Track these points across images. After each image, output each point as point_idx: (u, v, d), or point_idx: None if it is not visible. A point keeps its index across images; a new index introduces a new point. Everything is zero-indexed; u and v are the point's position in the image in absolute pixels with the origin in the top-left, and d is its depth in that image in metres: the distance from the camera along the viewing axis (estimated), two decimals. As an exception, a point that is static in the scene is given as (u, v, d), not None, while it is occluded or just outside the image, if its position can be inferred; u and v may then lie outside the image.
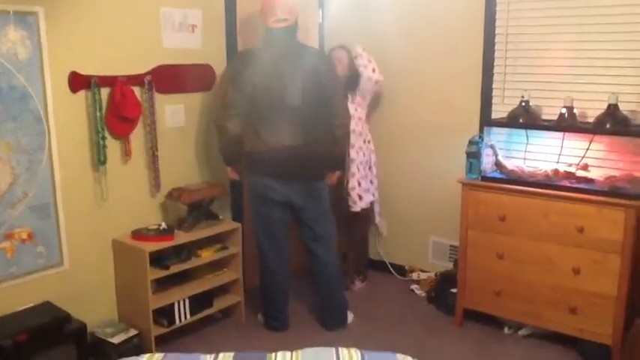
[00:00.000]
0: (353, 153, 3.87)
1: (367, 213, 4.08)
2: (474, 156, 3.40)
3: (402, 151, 4.20)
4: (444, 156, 3.92)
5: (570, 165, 3.31)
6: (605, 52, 3.28)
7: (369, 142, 4.00)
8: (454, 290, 3.62)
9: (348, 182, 3.89)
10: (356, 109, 3.88)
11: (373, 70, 3.85)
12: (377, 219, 4.16)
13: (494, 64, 3.67)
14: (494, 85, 3.70)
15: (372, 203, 4.06)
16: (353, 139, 3.82)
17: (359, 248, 4.17)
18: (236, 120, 3.27)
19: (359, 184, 3.91)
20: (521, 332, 3.45)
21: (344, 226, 4.06)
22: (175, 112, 3.45)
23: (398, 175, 4.24)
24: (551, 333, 3.32)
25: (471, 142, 3.42)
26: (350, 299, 3.84)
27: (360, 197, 3.93)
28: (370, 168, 4.02)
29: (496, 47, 3.65)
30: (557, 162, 3.35)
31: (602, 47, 3.28)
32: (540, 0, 3.45)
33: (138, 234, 3.19)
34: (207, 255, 3.41)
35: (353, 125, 3.83)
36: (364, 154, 3.95)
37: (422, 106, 4.05)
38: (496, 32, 3.63)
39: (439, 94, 3.95)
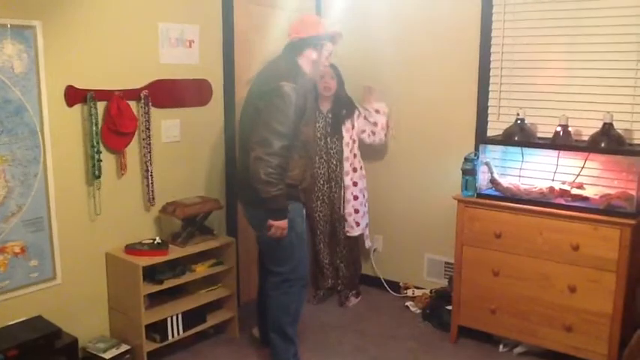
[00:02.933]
0: (347, 180, 3.90)
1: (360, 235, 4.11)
2: (469, 173, 3.41)
3: (397, 167, 4.20)
4: (440, 173, 3.93)
5: (565, 183, 3.32)
6: (600, 72, 3.30)
7: (361, 167, 4.01)
8: (449, 307, 3.61)
9: (344, 208, 3.93)
10: (351, 136, 3.91)
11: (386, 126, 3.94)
12: (367, 243, 4.16)
13: (490, 82, 3.69)
14: (489, 103, 3.72)
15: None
16: (347, 166, 3.88)
17: (351, 266, 4.16)
18: None
19: (355, 212, 3.95)
20: (517, 350, 3.43)
21: (335, 246, 4.08)
22: (171, 127, 3.45)
23: (393, 191, 4.24)
24: (547, 351, 3.30)
25: (466, 160, 3.43)
26: (345, 315, 3.82)
27: (358, 223, 3.98)
28: (363, 193, 4.04)
29: (491, 65, 3.67)
30: (553, 180, 3.36)
31: (597, 66, 3.31)
32: (535, 19, 3.48)
33: (132, 248, 3.17)
34: (201, 270, 3.40)
35: (347, 153, 3.87)
36: (358, 181, 3.99)
37: (417, 123, 4.05)
38: (492, 50, 3.66)
39: (435, 111, 3.96)
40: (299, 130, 2.93)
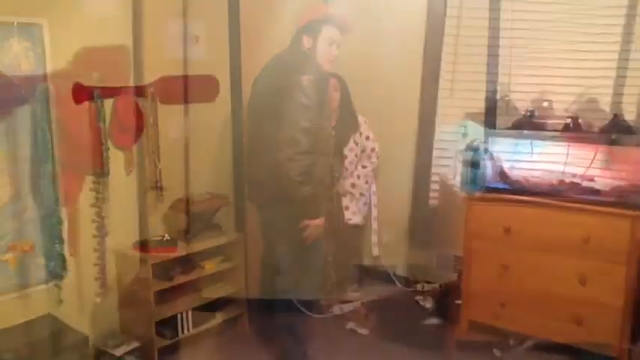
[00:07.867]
0: (356, 193, 3.87)
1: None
2: (476, 165, 3.37)
3: (405, 159, 4.18)
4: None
5: (575, 175, 3.29)
6: (608, 63, 3.28)
7: (366, 182, 3.95)
8: (459, 302, 3.60)
9: (348, 220, 3.86)
10: (356, 154, 3.82)
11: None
12: (375, 251, 4.15)
13: (498, 72, 3.66)
14: (497, 95, 3.69)
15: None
16: (347, 185, 3.82)
17: (345, 264, 4.09)
18: None
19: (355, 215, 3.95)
20: (527, 344, 3.42)
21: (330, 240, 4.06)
22: (178, 123, 3.45)
23: (402, 184, 4.22)
24: (557, 344, 3.29)
25: (470, 148, 3.38)
26: (353, 311, 3.82)
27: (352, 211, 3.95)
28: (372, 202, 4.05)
29: (499, 54, 3.64)
30: (562, 172, 3.34)
31: (605, 57, 3.28)
32: (543, 4, 3.44)
33: (141, 245, 3.18)
34: (210, 266, 3.40)
35: (351, 168, 3.82)
36: (366, 182, 3.96)
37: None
38: (500, 44, 3.62)
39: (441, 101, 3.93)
40: (322, 125, 2.83)
